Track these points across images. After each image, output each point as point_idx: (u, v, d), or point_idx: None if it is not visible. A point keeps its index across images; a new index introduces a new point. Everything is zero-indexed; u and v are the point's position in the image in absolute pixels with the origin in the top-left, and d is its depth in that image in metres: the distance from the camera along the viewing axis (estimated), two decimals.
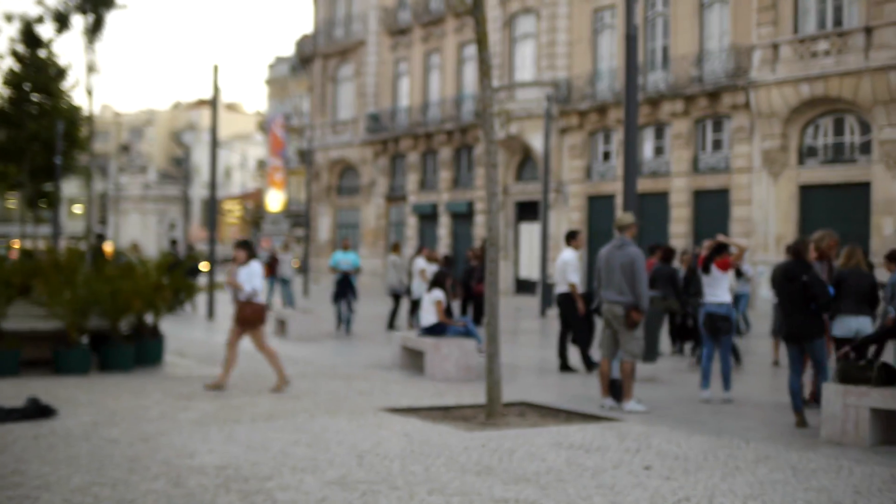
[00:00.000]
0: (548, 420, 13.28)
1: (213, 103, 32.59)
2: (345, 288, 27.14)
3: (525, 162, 51.03)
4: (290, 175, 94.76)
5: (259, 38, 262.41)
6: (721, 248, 15.73)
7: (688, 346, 22.87)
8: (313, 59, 67.83)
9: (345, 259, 27.56)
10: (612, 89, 45.30)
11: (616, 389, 14.51)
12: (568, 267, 18.81)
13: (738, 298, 24.39)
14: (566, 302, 18.98)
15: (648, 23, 44.35)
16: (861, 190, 36.69)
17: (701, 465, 10.35)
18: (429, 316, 18.68)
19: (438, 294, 18.77)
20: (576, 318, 18.87)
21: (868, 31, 35.87)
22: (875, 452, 11.29)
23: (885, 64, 35.11)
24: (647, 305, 14.32)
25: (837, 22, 37.36)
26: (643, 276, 14.16)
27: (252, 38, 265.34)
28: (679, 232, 42.20)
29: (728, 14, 41.40)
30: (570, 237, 19.35)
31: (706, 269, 15.60)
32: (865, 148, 36.96)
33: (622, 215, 14.92)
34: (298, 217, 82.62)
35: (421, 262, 26.27)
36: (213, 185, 33.44)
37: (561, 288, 19.14)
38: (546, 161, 38.20)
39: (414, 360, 18.86)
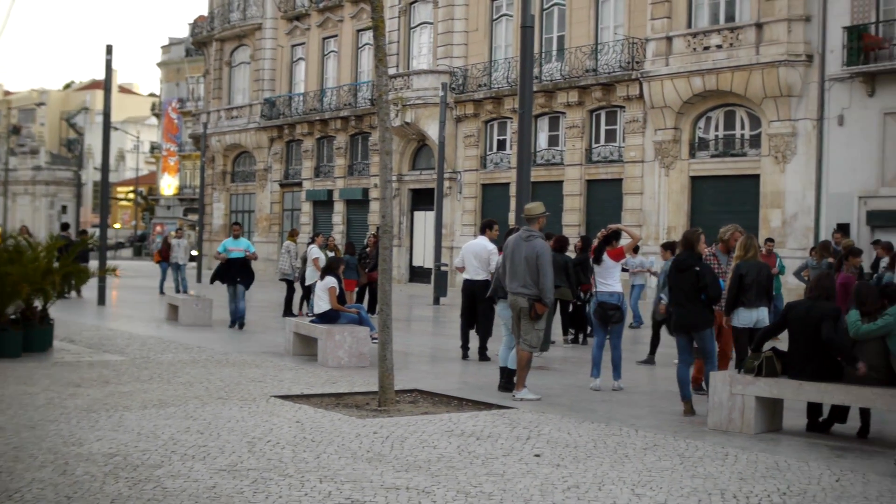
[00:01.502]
0: (440, 408, 13.32)
1: (105, 85, 32.07)
2: (234, 276, 24.46)
3: (420, 150, 51.07)
4: (184, 160, 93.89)
5: (154, 19, 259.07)
6: (613, 238, 15.87)
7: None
8: (209, 43, 67.18)
9: (235, 246, 24.80)
10: (507, 79, 45.47)
11: (507, 377, 14.60)
12: (492, 255, 18.50)
13: (631, 289, 24.68)
14: (483, 290, 18.36)
15: (545, 13, 44.61)
16: (750, 182, 37.34)
17: (591, 452, 10.46)
18: (321, 303, 18.62)
19: (331, 281, 18.71)
20: (488, 308, 18.68)
21: (759, 26, 36.46)
22: (760, 440, 11.51)
23: (775, 59, 35.72)
24: (551, 299, 14.30)
25: (730, 17, 37.92)
26: (549, 269, 14.07)
27: (147, 18, 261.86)
28: (572, 221, 42.54)
29: (623, 6, 41.80)
30: (489, 226, 19.09)
31: (598, 259, 15.74)
32: (755, 141, 37.59)
33: (531, 205, 14.75)
34: (192, 202, 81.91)
35: (315, 250, 26.17)
36: (105, 168, 32.95)
37: (481, 276, 18.76)
38: (441, 149, 38.28)
39: (307, 347, 18.81)
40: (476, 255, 18.85)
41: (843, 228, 31.55)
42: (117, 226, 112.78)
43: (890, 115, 34.11)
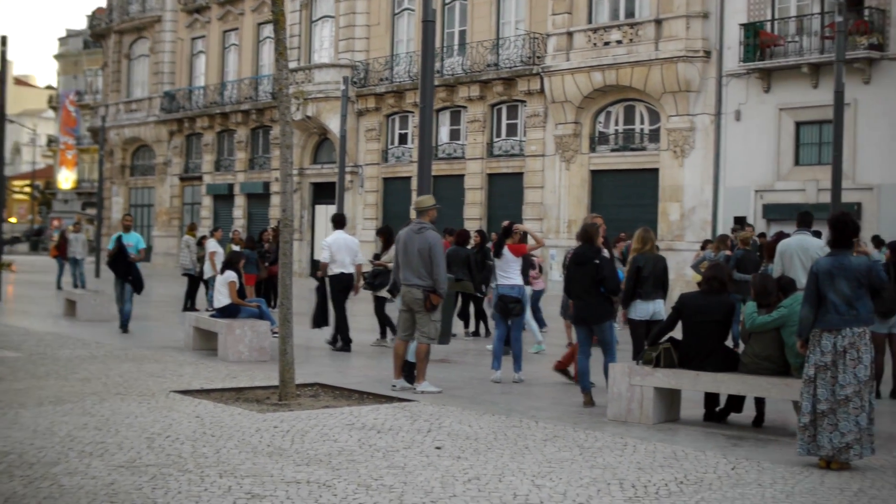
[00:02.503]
0: (341, 401, 13.30)
1: (0, 76, 31.52)
2: (123, 271, 22.23)
3: (322, 143, 50.88)
4: (82, 153, 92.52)
5: (51, 10, 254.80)
6: (511, 231, 15.96)
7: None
8: (107, 35, 66.32)
9: (126, 241, 22.44)
10: (409, 73, 45.48)
11: (408, 370, 14.61)
12: (359, 249, 18.97)
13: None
14: (349, 282, 19.32)
15: (446, 8, 44.68)
16: (649, 176, 37.77)
17: (491, 444, 10.52)
18: (222, 297, 18.48)
19: (231, 275, 18.58)
20: (345, 300, 19.41)
21: (658, 22, 36.90)
22: (658, 430, 11.65)
23: (674, 55, 36.17)
24: (445, 289, 14.40)
25: (630, 13, 38.32)
26: (441, 260, 14.19)
27: (44, 9, 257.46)
28: (474, 215, 42.68)
29: (524, 2, 42.04)
30: (343, 221, 20.23)
31: (498, 253, 15.82)
32: (654, 136, 38.04)
33: (421, 198, 14.89)
34: (91, 196, 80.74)
35: (212, 244, 25.96)
36: (0, 161, 32.37)
37: (349, 269, 19.34)
38: (342, 143, 38.15)
39: (207, 342, 18.66)
40: (348, 248, 19.43)
41: (740, 222, 32.05)
42: (13, 220, 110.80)
43: (785, 111, 34.71)
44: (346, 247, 19.44)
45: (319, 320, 20.19)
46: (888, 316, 14.37)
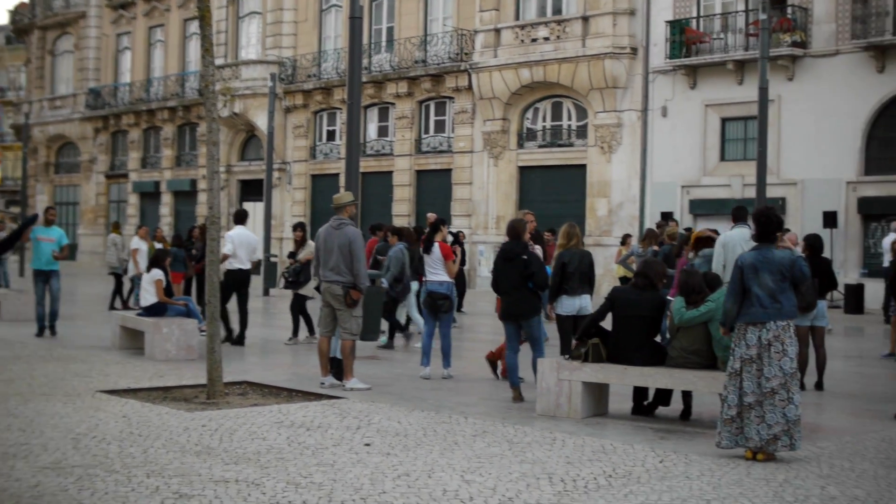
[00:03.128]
0: (269, 399, 13.23)
1: None
2: (46, 275, 20.94)
3: (249, 140, 50.63)
4: (5, 151, 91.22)
5: None
6: (441, 224, 15.98)
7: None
8: (30, 31, 65.44)
9: (46, 235, 20.97)
10: (337, 69, 45.36)
11: (337, 367, 14.57)
12: (258, 246, 19.22)
13: None
14: (246, 278, 19.78)
15: (374, 4, 44.61)
16: (577, 172, 37.99)
17: (421, 440, 10.51)
18: (148, 296, 18.31)
19: (157, 273, 18.41)
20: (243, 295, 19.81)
21: (585, 19, 37.12)
22: (586, 424, 11.70)
23: (601, 51, 36.40)
24: (366, 285, 14.40)
25: (557, 10, 38.51)
26: (361, 255, 14.19)
27: None
28: (402, 212, 42.67)
29: None
30: (245, 216, 20.89)
31: (427, 249, 15.82)
32: (582, 132, 38.25)
33: (339, 195, 14.91)
34: (14, 194, 79.70)
35: (136, 241, 25.73)
36: None
37: (247, 265, 19.74)
38: (270, 140, 37.99)
39: (134, 341, 18.49)
40: (248, 244, 19.75)
41: (666, 217, 32.30)
42: None
43: (711, 107, 35.07)
44: (246, 243, 19.76)
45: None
46: (809, 309, 14.58)
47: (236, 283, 19.54)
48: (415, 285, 19.30)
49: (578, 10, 37.52)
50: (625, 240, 29.09)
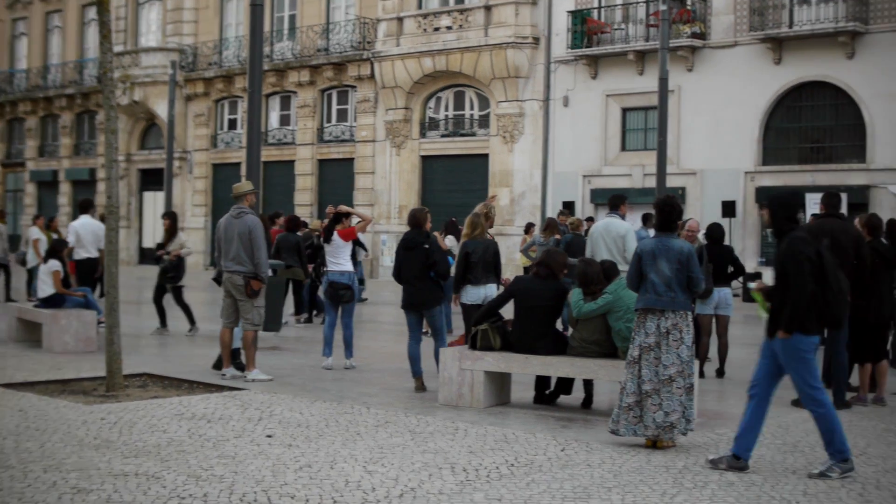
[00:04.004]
0: (170, 391, 13.10)
1: None
2: None
3: (150, 129, 50.04)
4: None
5: None
6: (343, 217, 15.91)
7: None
8: None
9: None
10: (238, 57, 44.99)
11: (240, 358, 14.47)
12: (104, 234, 18.94)
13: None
14: (94, 266, 19.99)
15: None
16: (480, 161, 38.11)
17: (323, 431, 10.47)
18: (46, 287, 17.99)
19: (55, 264, 18.11)
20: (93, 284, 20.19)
21: (488, 9, 37.22)
22: (489, 413, 11.74)
23: (503, 41, 36.52)
24: (267, 274, 14.31)
25: None
26: (262, 244, 14.08)
27: None
28: (304, 201, 42.47)
29: None
30: (90, 205, 20.93)
31: (328, 238, 15.75)
32: (484, 121, 38.36)
33: (239, 184, 14.79)
34: None
35: (35, 231, 25.30)
36: None
37: (93, 254, 19.96)
38: (170, 128, 37.57)
39: (31, 333, 18.16)
40: (94, 233, 19.98)
41: (568, 206, 32.52)
42: None
43: (612, 97, 35.36)
44: (92, 232, 19.94)
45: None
46: (706, 296, 14.77)
47: (85, 272, 19.85)
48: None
49: None
50: (528, 229, 29.21)
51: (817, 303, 9.00)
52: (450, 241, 19.83)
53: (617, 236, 14.31)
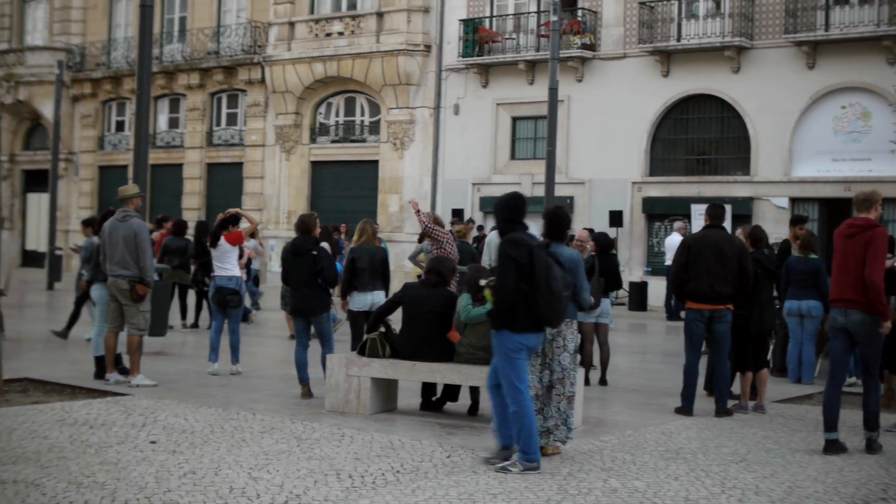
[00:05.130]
0: (52, 396, 12.89)
1: None
2: None
3: (35, 129, 49.17)
4: None
5: None
6: (230, 222, 15.80)
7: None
8: None
9: None
10: (127, 58, 44.41)
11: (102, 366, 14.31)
12: None
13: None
14: None
15: None
16: (370, 168, 38.10)
17: (208, 437, 10.39)
18: None
19: None
20: None
21: (380, 15, 37.24)
22: (375, 420, 11.74)
23: (395, 48, 36.56)
24: (152, 278, 14.16)
25: (352, 5, 38.57)
26: (147, 248, 13.93)
27: None
28: (192, 205, 42.08)
29: None
30: None
31: (214, 243, 15.64)
32: (374, 128, 38.36)
33: (124, 187, 14.63)
34: None
35: None
36: None
37: None
38: (56, 129, 36.97)
39: None
40: None
41: (457, 214, 32.68)
42: None
43: (502, 106, 35.60)
44: None
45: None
46: (593, 307, 14.93)
47: None
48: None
49: (373, 5, 37.63)
50: (422, 237, 29.24)
51: (527, 303, 9.32)
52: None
53: None
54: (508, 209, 9.68)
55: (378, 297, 14.42)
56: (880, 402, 10.98)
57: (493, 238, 15.06)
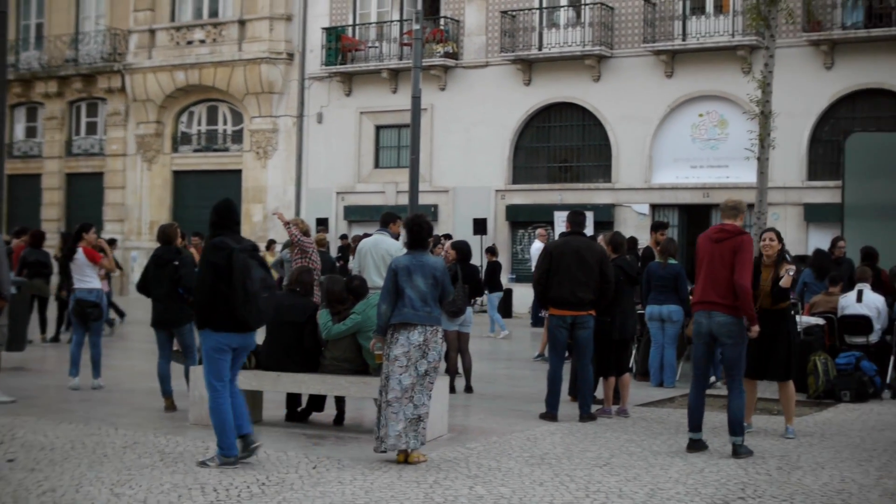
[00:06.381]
0: None
1: None
2: None
3: None
4: None
5: None
6: (83, 230, 15.56)
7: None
8: None
9: None
10: None
11: None
12: None
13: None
14: None
15: None
16: (233, 177, 37.76)
17: (68, 454, 10.19)
18: None
19: None
20: None
21: (242, 23, 36.99)
22: None
23: (257, 56, 36.35)
24: (9, 291, 13.82)
25: (213, 13, 38.22)
26: (4, 260, 13.61)
27: None
28: (52, 216, 41.26)
29: None
30: None
31: (70, 256, 15.38)
32: (237, 136, 38.07)
33: None
34: None
35: None
36: None
37: None
38: None
39: None
40: None
41: (322, 223, 32.58)
42: None
43: (366, 114, 35.61)
44: None
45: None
46: (457, 315, 15.00)
47: None
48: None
49: (235, 13, 37.35)
50: (269, 245, 29.37)
51: (226, 303, 9.66)
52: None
53: (385, 253, 14.33)
54: (217, 214, 10.06)
55: None
56: (744, 407, 11.20)
57: (365, 245, 15.00)
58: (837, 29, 29.38)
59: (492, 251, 26.90)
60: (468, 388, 15.46)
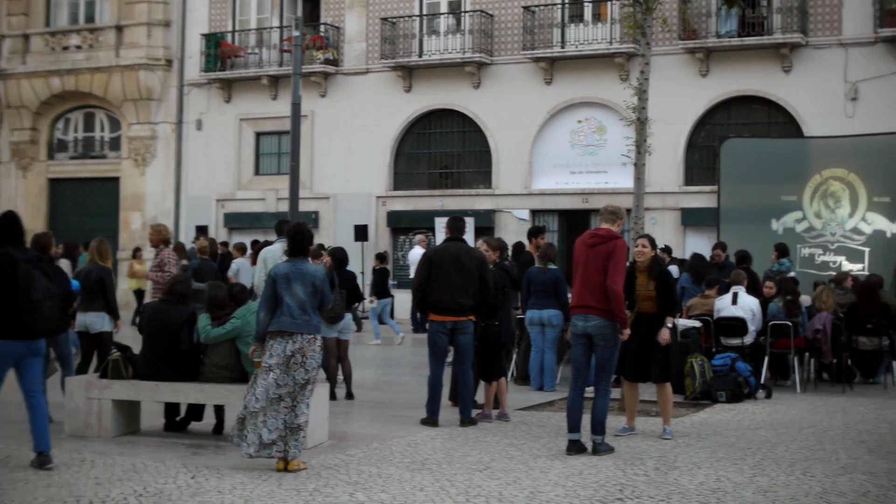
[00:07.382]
0: None
1: None
2: None
3: None
4: None
5: None
6: None
7: None
8: None
9: None
10: None
11: None
12: None
13: None
14: None
15: None
16: (111, 185, 37.25)
17: None
18: None
19: None
20: None
21: (119, 29, 36.51)
22: (118, 443, 11.46)
23: (135, 62, 35.91)
24: None
25: (90, 18, 37.68)
26: None
27: None
28: None
29: None
30: None
31: None
32: (115, 143, 37.55)
33: None
34: None
35: None
36: None
37: None
38: None
39: None
40: None
41: (202, 230, 32.27)
42: None
43: (245, 121, 35.39)
44: None
45: None
46: (336, 321, 14.98)
47: None
48: None
49: (112, 19, 36.85)
50: (135, 253, 29.16)
51: (7, 311, 9.85)
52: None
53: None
54: (1, 227, 10.58)
55: (90, 319, 13.88)
56: (608, 408, 11.37)
57: (268, 253, 14.92)
58: (712, 37, 29.99)
59: (381, 258, 26.95)
60: (349, 395, 15.43)
